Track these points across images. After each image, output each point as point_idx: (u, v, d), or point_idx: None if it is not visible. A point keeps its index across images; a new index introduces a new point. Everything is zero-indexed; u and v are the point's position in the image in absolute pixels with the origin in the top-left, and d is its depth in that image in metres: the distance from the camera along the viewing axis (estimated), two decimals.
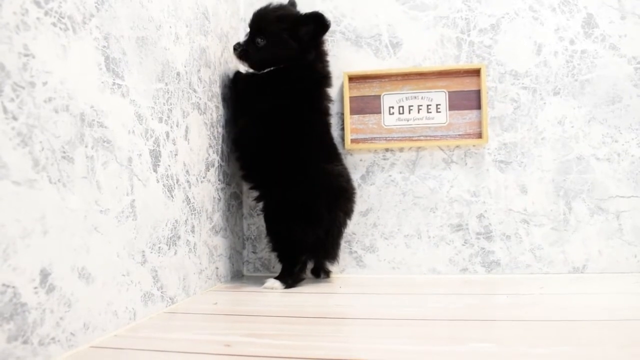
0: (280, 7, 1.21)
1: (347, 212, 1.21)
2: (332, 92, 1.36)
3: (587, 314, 0.83)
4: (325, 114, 1.24)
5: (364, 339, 0.70)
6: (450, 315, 0.82)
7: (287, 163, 1.14)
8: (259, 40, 1.18)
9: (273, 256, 1.37)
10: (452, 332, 0.72)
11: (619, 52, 1.27)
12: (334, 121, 1.36)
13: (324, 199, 1.14)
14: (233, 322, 0.82)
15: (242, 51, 1.19)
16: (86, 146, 0.67)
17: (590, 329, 0.72)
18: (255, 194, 1.22)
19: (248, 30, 1.22)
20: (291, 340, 0.68)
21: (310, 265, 1.24)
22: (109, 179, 0.72)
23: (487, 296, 1.01)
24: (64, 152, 0.62)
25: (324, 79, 1.24)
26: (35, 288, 0.57)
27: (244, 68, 1.27)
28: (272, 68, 1.19)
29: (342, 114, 1.35)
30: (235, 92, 1.27)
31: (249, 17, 1.41)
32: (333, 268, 1.29)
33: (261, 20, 1.19)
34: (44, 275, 0.58)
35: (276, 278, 1.13)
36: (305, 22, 1.17)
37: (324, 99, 1.24)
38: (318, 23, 1.16)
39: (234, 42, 1.29)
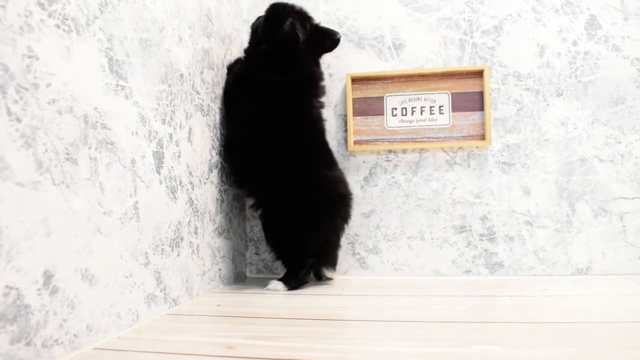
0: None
1: (346, 218, 1.21)
2: (335, 94, 1.36)
3: (591, 316, 0.82)
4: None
5: (367, 341, 0.69)
6: (454, 317, 0.82)
7: (285, 170, 1.13)
8: None
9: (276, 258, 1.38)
10: (455, 334, 0.72)
11: (622, 53, 1.26)
12: (337, 123, 1.36)
13: (325, 206, 1.14)
14: (236, 324, 0.81)
15: None
16: (90, 148, 0.67)
17: (594, 331, 0.72)
18: (251, 201, 1.22)
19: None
20: (294, 342, 0.68)
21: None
22: (112, 181, 0.72)
23: (490, 298, 1.01)
24: (68, 154, 0.62)
25: None
26: (39, 290, 0.57)
27: None
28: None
29: (345, 115, 1.35)
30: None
31: (251, 18, 1.42)
32: (335, 269, 1.28)
33: None
34: (47, 276, 0.58)
35: (280, 280, 1.13)
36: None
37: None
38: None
39: (236, 47, 1.30)
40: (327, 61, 1.37)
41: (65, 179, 0.62)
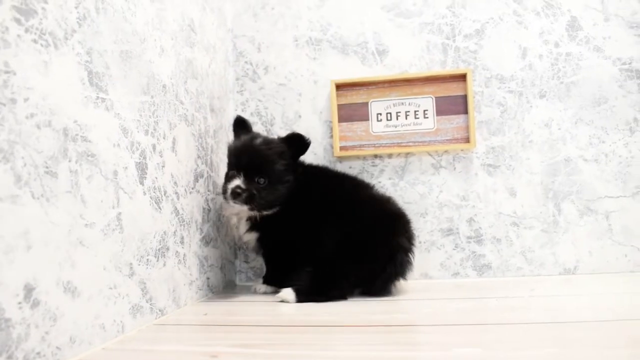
0: (267, 140, 1.12)
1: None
2: (320, 100, 1.37)
3: (577, 315, 0.83)
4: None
5: (352, 346, 0.70)
6: (440, 321, 0.83)
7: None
8: (260, 180, 1.08)
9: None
10: (439, 337, 0.72)
11: (604, 53, 1.28)
12: (323, 129, 1.37)
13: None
14: (222, 332, 0.82)
15: (247, 196, 1.05)
16: (70, 160, 0.67)
17: (578, 330, 0.73)
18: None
19: (234, 164, 1.10)
20: (279, 349, 0.69)
21: None
22: (93, 193, 0.72)
23: (478, 300, 1.02)
24: (47, 167, 0.63)
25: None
26: (20, 303, 0.57)
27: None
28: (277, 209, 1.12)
29: (330, 121, 1.36)
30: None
31: (236, 27, 1.42)
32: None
33: (260, 158, 1.09)
34: (28, 290, 0.58)
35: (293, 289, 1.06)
36: (289, 146, 1.13)
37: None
38: (300, 144, 1.13)
39: (221, 56, 1.30)
40: (312, 68, 1.38)
41: (45, 192, 0.62)
